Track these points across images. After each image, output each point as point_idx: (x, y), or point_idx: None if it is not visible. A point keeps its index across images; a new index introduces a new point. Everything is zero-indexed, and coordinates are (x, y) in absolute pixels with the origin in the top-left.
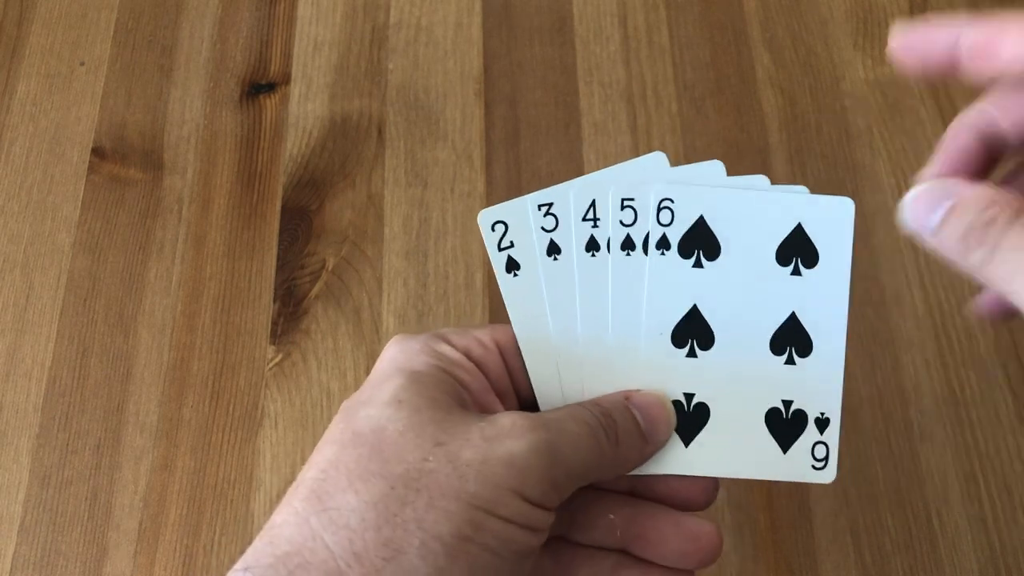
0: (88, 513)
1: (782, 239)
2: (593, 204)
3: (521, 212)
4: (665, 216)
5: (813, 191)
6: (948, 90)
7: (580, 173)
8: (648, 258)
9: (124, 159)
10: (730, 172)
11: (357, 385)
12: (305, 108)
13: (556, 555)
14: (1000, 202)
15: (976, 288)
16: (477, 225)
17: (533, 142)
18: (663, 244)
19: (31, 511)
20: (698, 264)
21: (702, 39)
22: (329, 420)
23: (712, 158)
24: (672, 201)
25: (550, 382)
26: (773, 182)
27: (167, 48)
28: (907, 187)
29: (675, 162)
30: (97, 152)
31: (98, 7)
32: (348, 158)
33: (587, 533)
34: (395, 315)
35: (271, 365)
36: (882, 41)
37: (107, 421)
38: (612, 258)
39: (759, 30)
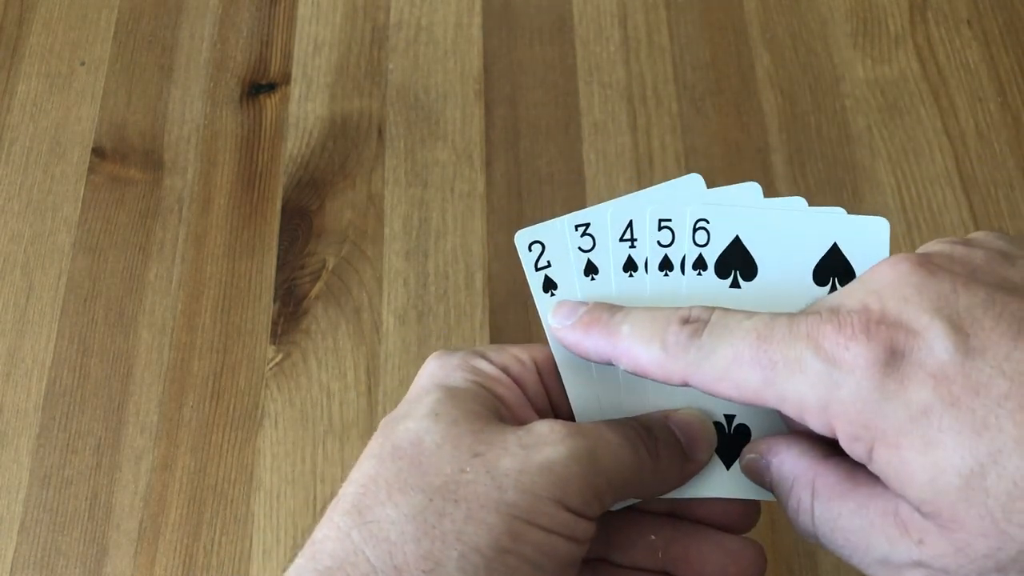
0: (88, 513)
1: (819, 259)
2: (630, 225)
3: (558, 232)
4: (701, 236)
5: (813, 191)
6: (948, 90)
7: (580, 173)
8: (684, 278)
9: (124, 159)
10: (730, 172)
11: (357, 385)
12: (305, 108)
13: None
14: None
15: None
16: (477, 225)
17: (533, 142)
18: (699, 264)
19: (31, 511)
20: (735, 284)
21: (702, 39)
22: (329, 420)
23: (712, 158)
24: (707, 221)
25: (588, 402)
26: (773, 182)
27: (167, 48)
28: (907, 187)
29: (675, 163)
30: (97, 152)
31: (98, 7)
32: (348, 158)
33: (628, 554)
34: (395, 315)
35: (271, 365)
36: (882, 41)
37: (107, 421)
38: (650, 278)
39: (759, 30)
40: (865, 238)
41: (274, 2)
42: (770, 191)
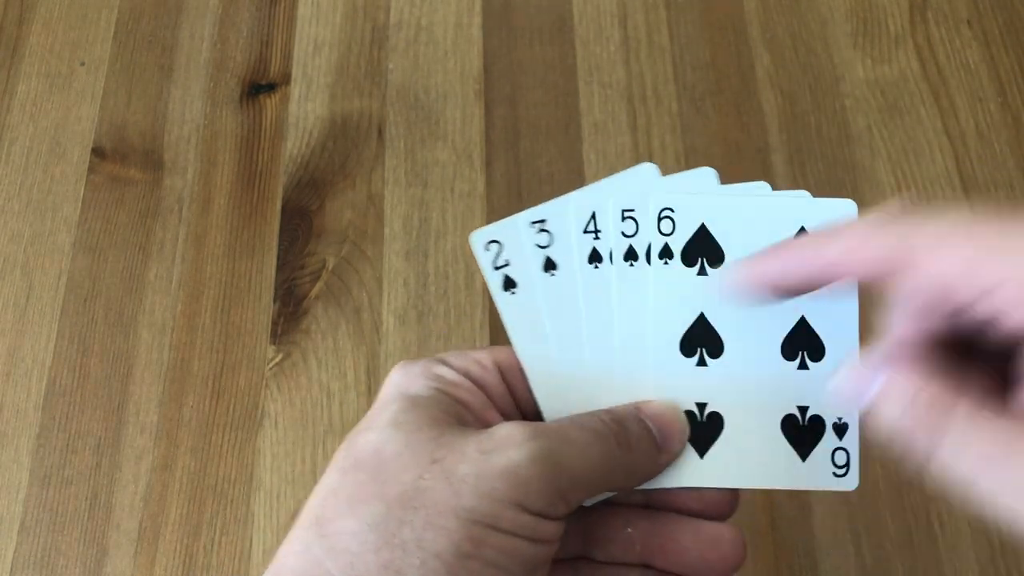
0: (88, 513)
1: None
2: (594, 216)
3: (514, 230)
4: (666, 225)
5: (813, 191)
6: (948, 90)
7: (580, 173)
8: (651, 268)
9: (124, 159)
10: (730, 172)
11: (357, 385)
12: (305, 108)
13: (578, 574)
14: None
15: None
16: (477, 225)
17: (533, 142)
18: (666, 253)
19: (31, 511)
20: (702, 272)
21: (702, 39)
22: (329, 420)
23: (712, 158)
24: (672, 210)
25: (555, 399)
26: (773, 182)
27: (167, 48)
28: (907, 187)
29: (675, 162)
30: (97, 152)
31: (98, 7)
32: (348, 158)
33: (606, 550)
34: (395, 315)
35: (271, 365)
36: (882, 41)
37: (107, 421)
38: (615, 270)
39: (759, 30)
40: (833, 220)
41: (274, 2)
42: None
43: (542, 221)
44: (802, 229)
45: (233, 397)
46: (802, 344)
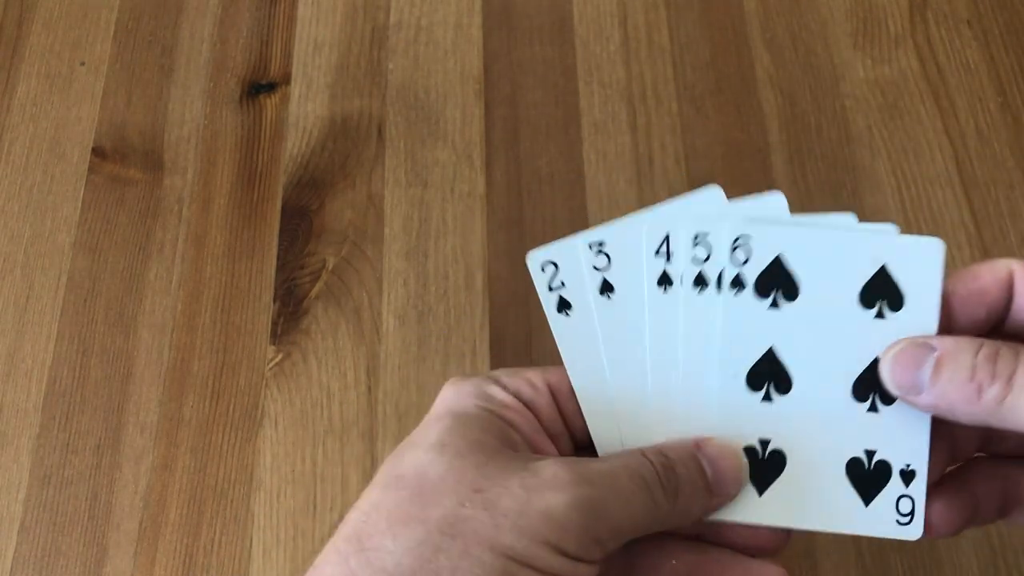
0: (88, 513)
1: (866, 280)
2: (667, 239)
3: (571, 251)
4: (740, 254)
5: (813, 191)
6: (948, 90)
7: (580, 173)
8: (722, 297)
9: (124, 159)
10: (730, 172)
11: (357, 385)
12: (305, 108)
13: None
14: (987, 341)
15: None
16: (477, 225)
17: (533, 142)
18: (737, 283)
19: (31, 511)
20: (775, 304)
21: (702, 39)
22: (329, 420)
23: (712, 158)
24: (748, 238)
25: (607, 425)
26: (773, 182)
27: (167, 48)
28: (907, 187)
29: (675, 163)
30: (97, 152)
31: (98, 7)
32: (348, 158)
33: None
34: (395, 315)
35: (271, 365)
36: (882, 41)
37: (107, 421)
38: (683, 295)
39: (759, 30)
40: (917, 259)
41: (274, 2)
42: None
43: (601, 243)
44: (883, 267)
45: (233, 397)
46: (874, 386)
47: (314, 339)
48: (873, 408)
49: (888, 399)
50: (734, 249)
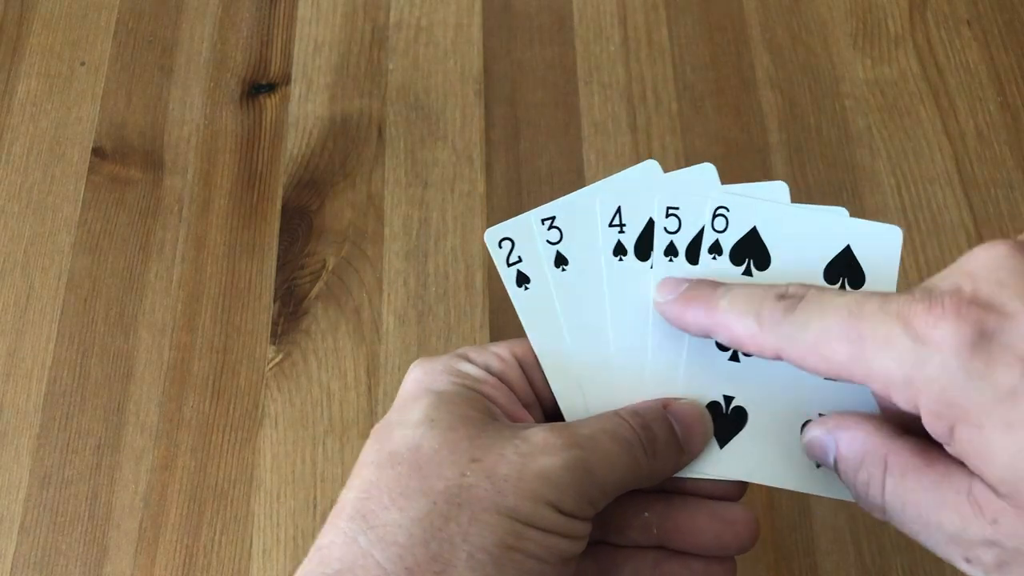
0: (88, 513)
1: (831, 258)
2: (619, 211)
3: (525, 227)
4: (719, 223)
5: (813, 191)
6: (948, 90)
7: (580, 173)
8: (700, 262)
9: (124, 159)
10: (730, 173)
11: (357, 385)
12: (305, 108)
13: (597, 559)
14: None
15: None
16: (477, 225)
17: (533, 142)
18: (715, 249)
19: (31, 511)
20: (748, 272)
21: (702, 39)
22: (329, 420)
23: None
24: (727, 210)
25: (573, 393)
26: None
27: (167, 48)
28: (907, 187)
29: (675, 163)
30: (97, 152)
31: (98, 7)
32: (348, 158)
33: (624, 534)
34: (395, 315)
35: (271, 365)
36: (882, 41)
37: (107, 421)
38: (655, 263)
39: (759, 30)
40: (878, 243)
41: (274, 2)
42: None
43: (552, 218)
44: (848, 247)
45: (233, 397)
46: None
47: (314, 339)
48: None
49: None
50: (714, 218)
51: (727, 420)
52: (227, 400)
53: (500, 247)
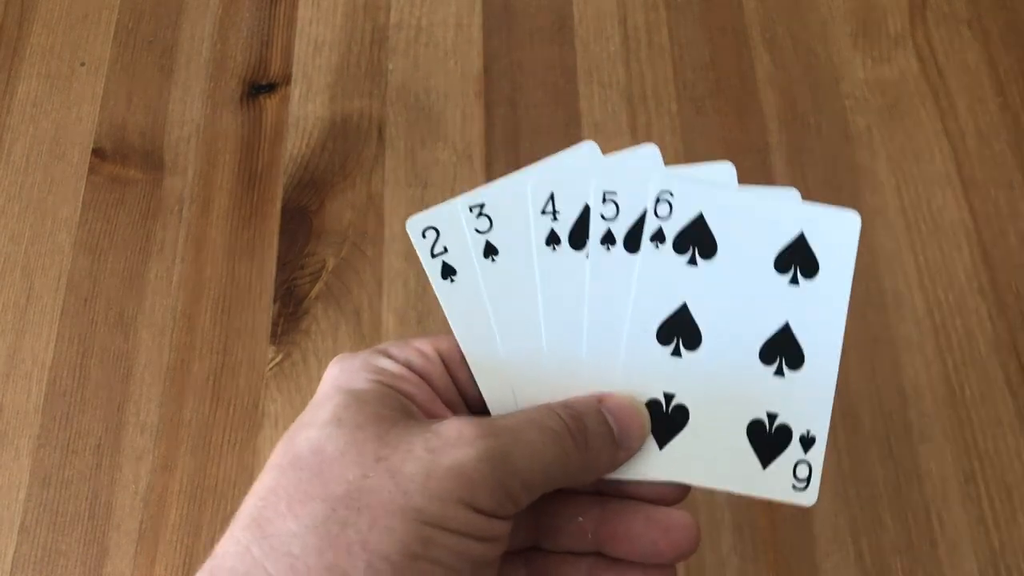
0: (88, 513)
1: (783, 246)
2: (552, 197)
3: (452, 215)
4: (663, 209)
5: (813, 191)
6: (948, 90)
7: None
8: (641, 251)
9: (124, 159)
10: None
11: None
12: (305, 108)
13: (530, 565)
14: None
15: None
16: None
17: (533, 142)
18: (658, 237)
19: (31, 511)
20: (692, 262)
21: (702, 39)
22: None
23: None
24: (671, 195)
25: (501, 390)
26: (773, 182)
27: (167, 48)
28: (907, 187)
29: (675, 163)
30: (97, 152)
31: (98, 7)
32: (348, 158)
33: (558, 539)
34: (395, 315)
35: (271, 365)
36: (882, 41)
37: (107, 421)
38: (591, 252)
39: (759, 30)
40: (834, 229)
41: (274, 2)
42: None
43: (481, 205)
44: (802, 234)
45: (233, 397)
46: (782, 350)
47: (314, 339)
48: (780, 372)
49: (795, 364)
50: (657, 203)
51: (668, 419)
52: (227, 400)
53: (424, 237)
